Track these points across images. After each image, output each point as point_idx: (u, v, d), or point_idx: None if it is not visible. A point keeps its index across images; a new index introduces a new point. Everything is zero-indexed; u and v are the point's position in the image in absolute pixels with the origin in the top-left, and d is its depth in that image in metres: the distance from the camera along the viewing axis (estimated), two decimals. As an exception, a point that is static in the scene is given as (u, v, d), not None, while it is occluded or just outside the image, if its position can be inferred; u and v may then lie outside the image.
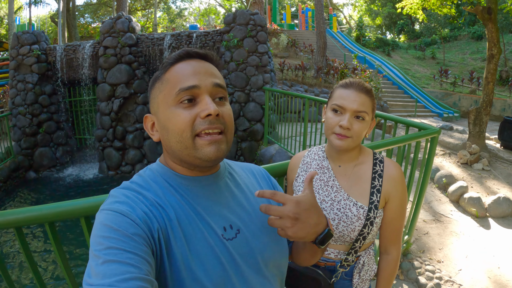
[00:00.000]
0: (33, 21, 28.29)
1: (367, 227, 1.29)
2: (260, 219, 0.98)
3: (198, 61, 0.88)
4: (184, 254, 0.79)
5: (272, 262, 0.96)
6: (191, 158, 0.85)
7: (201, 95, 0.84)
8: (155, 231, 0.77)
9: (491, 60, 6.34)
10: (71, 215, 1.40)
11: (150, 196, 0.83)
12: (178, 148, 0.84)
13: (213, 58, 0.92)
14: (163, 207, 0.82)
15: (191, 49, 0.89)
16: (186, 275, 0.78)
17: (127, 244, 0.70)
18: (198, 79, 0.84)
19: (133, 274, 0.65)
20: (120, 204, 0.78)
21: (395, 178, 1.33)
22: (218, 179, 0.95)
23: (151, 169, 0.92)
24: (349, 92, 1.29)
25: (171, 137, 0.84)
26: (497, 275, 3.23)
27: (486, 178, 5.47)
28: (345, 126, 1.25)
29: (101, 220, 0.75)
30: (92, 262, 0.68)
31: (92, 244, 0.71)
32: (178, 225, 0.81)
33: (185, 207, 0.85)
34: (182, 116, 0.82)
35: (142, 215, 0.77)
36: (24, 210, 1.37)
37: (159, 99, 0.87)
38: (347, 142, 1.28)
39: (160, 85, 0.87)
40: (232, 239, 0.88)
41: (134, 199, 0.80)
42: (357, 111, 1.26)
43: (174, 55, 0.88)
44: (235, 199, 0.96)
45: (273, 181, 1.14)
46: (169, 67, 0.87)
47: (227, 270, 0.84)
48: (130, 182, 0.87)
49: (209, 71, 0.88)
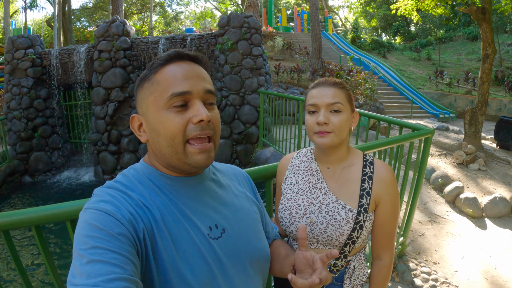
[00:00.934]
0: (29, 25, 28.23)
1: (356, 231, 1.25)
2: (244, 218, 1.00)
3: (188, 64, 0.88)
4: (170, 254, 0.79)
5: (255, 261, 0.97)
6: (181, 163, 0.85)
7: (193, 100, 0.84)
8: (140, 231, 0.77)
9: (486, 60, 6.35)
10: (57, 218, 1.38)
11: (135, 196, 0.82)
12: (169, 152, 0.84)
13: (203, 61, 0.92)
14: (148, 207, 0.82)
15: (182, 51, 0.88)
16: (173, 275, 0.78)
17: (112, 244, 0.69)
18: (190, 84, 0.84)
19: (118, 274, 0.65)
20: (105, 203, 0.77)
21: (386, 180, 1.30)
22: (203, 180, 0.95)
23: (135, 168, 0.92)
24: (319, 89, 1.29)
25: (162, 141, 0.84)
26: (494, 275, 3.21)
27: (482, 178, 5.47)
28: (322, 121, 1.23)
29: (85, 219, 0.74)
30: (76, 262, 0.67)
31: (76, 243, 0.71)
32: (164, 225, 0.81)
33: (170, 207, 0.84)
34: (174, 121, 0.82)
35: (127, 215, 0.76)
36: (10, 213, 1.35)
37: (149, 100, 0.86)
38: (329, 138, 1.25)
39: (150, 86, 0.86)
40: (217, 238, 0.89)
41: (119, 199, 0.80)
42: (330, 104, 1.25)
43: (164, 56, 0.87)
44: (219, 199, 0.96)
45: (253, 186, 1.18)
46: (159, 68, 0.86)
47: (212, 269, 0.84)
48: (114, 182, 0.87)
49: (200, 75, 0.87)
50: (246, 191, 1.10)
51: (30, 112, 8.89)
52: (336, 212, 1.27)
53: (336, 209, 1.27)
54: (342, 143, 1.31)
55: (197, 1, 42.10)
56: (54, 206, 1.40)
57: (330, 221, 1.27)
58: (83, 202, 1.39)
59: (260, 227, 1.06)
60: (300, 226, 0.90)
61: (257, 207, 1.10)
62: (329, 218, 1.27)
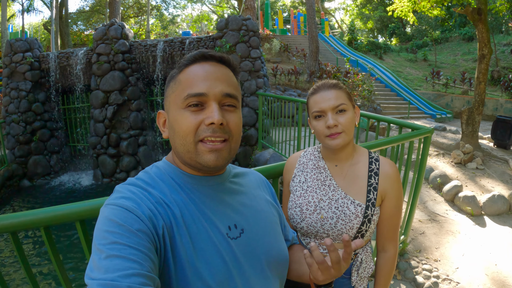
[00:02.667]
0: (26, 28, 28.21)
1: (365, 224, 1.31)
2: (264, 220, 1.00)
3: (212, 65, 0.88)
4: (189, 252, 0.79)
5: (274, 263, 0.97)
6: (193, 161, 0.86)
7: (209, 101, 0.84)
8: (159, 228, 0.77)
9: (482, 60, 6.40)
10: (66, 219, 1.39)
11: (156, 194, 0.83)
12: (181, 150, 0.86)
13: (230, 62, 0.92)
14: (169, 204, 0.82)
15: (206, 51, 0.89)
16: (190, 273, 0.78)
17: (131, 239, 0.70)
18: (207, 86, 0.84)
19: (136, 270, 0.65)
20: (125, 199, 0.78)
21: (391, 176, 1.35)
22: (223, 180, 0.96)
23: (157, 166, 0.93)
24: (320, 94, 1.33)
25: (176, 139, 0.86)
26: (494, 272, 3.24)
27: (480, 176, 5.51)
28: (332, 124, 1.28)
29: (106, 215, 0.75)
30: (95, 256, 0.68)
31: (96, 237, 0.71)
32: (183, 223, 0.82)
33: (190, 205, 0.85)
34: (188, 120, 0.83)
35: (147, 211, 0.77)
36: (19, 214, 1.36)
37: (171, 98, 0.88)
38: (341, 138, 1.30)
39: (173, 85, 0.88)
40: (236, 238, 0.89)
41: (140, 196, 0.80)
42: (335, 106, 1.29)
43: (190, 56, 0.89)
44: (239, 200, 0.97)
45: (272, 190, 1.18)
46: (183, 68, 0.88)
47: (230, 269, 0.84)
48: (135, 179, 0.87)
49: (221, 77, 0.87)
50: (266, 194, 1.11)
51: (29, 115, 8.87)
52: (345, 207, 1.32)
53: (346, 204, 1.32)
54: (349, 141, 1.36)
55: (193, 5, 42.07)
56: (63, 206, 1.40)
57: (340, 216, 1.32)
58: (92, 203, 1.40)
59: (279, 230, 1.06)
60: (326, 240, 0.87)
61: (276, 211, 1.11)
62: (339, 213, 1.32)
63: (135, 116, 8.61)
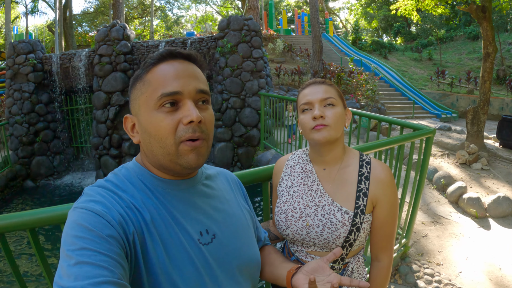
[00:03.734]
0: (31, 30, 28.41)
1: (353, 233, 1.22)
2: (235, 224, 0.98)
3: (181, 62, 0.85)
4: (161, 258, 0.77)
5: (245, 268, 0.96)
6: (173, 164, 0.83)
7: (184, 100, 0.82)
8: (130, 234, 0.75)
9: (487, 58, 6.32)
10: (51, 221, 1.37)
11: (126, 198, 0.80)
12: (160, 153, 0.82)
13: (197, 59, 0.89)
14: (139, 209, 0.80)
15: (174, 49, 0.86)
16: (163, 279, 0.77)
17: (101, 245, 0.67)
18: (181, 84, 0.81)
19: (106, 277, 0.63)
20: (95, 203, 0.75)
21: (383, 181, 1.26)
22: (195, 183, 0.94)
23: (127, 168, 0.89)
24: (310, 88, 1.28)
25: (153, 142, 0.82)
26: (498, 276, 3.17)
27: (485, 177, 5.42)
28: (318, 115, 1.21)
29: (74, 219, 0.71)
30: (63, 263, 0.65)
31: (65, 243, 0.68)
32: (154, 229, 0.79)
33: (161, 210, 0.83)
34: (164, 122, 0.80)
35: (118, 216, 0.74)
36: (5, 216, 1.34)
37: (140, 100, 0.84)
38: (327, 131, 1.21)
39: (142, 86, 0.84)
40: (208, 244, 0.87)
41: (110, 199, 0.77)
42: (323, 99, 1.23)
43: (156, 55, 0.85)
44: (211, 204, 0.95)
45: (244, 191, 1.17)
46: (151, 67, 0.84)
47: (202, 275, 0.83)
48: (105, 181, 0.84)
49: (192, 74, 0.85)
50: (238, 196, 1.09)
51: (32, 117, 8.92)
52: (332, 214, 1.24)
53: (332, 212, 1.24)
54: (337, 141, 1.28)
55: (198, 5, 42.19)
56: (48, 209, 1.38)
57: (326, 224, 1.24)
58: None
59: (251, 233, 1.04)
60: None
61: (248, 213, 1.09)
62: (325, 221, 1.24)
63: (137, 117, 8.60)
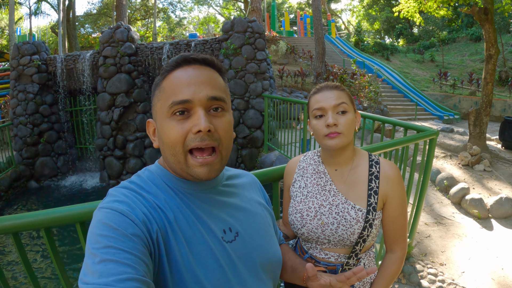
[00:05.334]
0: (34, 31, 28.48)
1: (366, 229, 1.28)
2: (257, 223, 1.00)
3: (195, 68, 0.85)
4: (185, 256, 0.79)
5: (268, 265, 0.98)
6: (184, 173, 0.85)
7: (194, 108, 0.82)
8: (153, 232, 0.77)
9: (489, 60, 6.34)
10: (66, 220, 1.39)
11: (150, 198, 0.82)
12: (172, 160, 0.84)
13: (214, 63, 0.89)
14: (162, 209, 0.82)
15: (189, 55, 0.86)
16: (187, 277, 0.78)
17: (125, 244, 0.69)
18: (192, 91, 0.81)
19: (130, 274, 0.65)
20: (119, 203, 0.77)
21: (391, 178, 1.32)
22: (217, 184, 0.95)
23: (150, 170, 0.91)
24: (322, 94, 1.32)
25: (166, 149, 0.84)
26: (501, 276, 3.20)
27: (487, 179, 5.44)
28: (332, 123, 1.25)
29: (99, 218, 0.74)
30: (88, 260, 0.68)
31: (90, 241, 0.71)
32: (178, 228, 0.81)
33: (185, 209, 0.85)
34: (174, 130, 0.81)
35: (142, 216, 0.76)
36: (20, 216, 1.37)
37: (157, 107, 0.86)
38: (340, 139, 1.27)
39: (158, 93, 0.86)
40: (231, 242, 0.89)
41: (134, 199, 0.80)
42: (336, 106, 1.28)
43: (172, 61, 0.86)
44: (233, 202, 0.97)
45: (264, 191, 1.18)
46: (166, 74, 0.86)
47: (226, 272, 0.84)
48: (129, 182, 0.86)
49: (206, 80, 0.84)
50: (258, 196, 1.11)
51: (36, 117, 8.95)
52: (346, 212, 1.30)
53: (346, 210, 1.30)
54: (349, 144, 1.33)
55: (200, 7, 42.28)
56: (64, 208, 1.41)
57: (340, 221, 1.29)
58: (92, 205, 1.41)
59: (272, 232, 1.07)
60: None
61: (269, 212, 1.11)
62: (340, 219, 1.30)
63: (142, 118, 8.64)
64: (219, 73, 0.90)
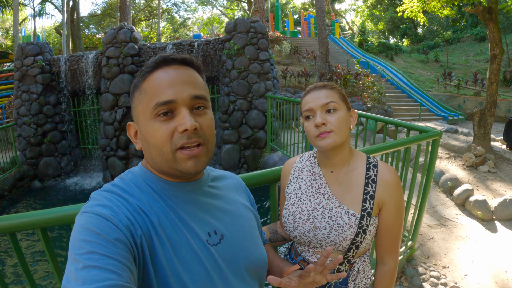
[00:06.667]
0: (38, 32, 28.67)
1: (359, 235, 1.24)
2: (242, 225, 0.99)
3: (176, 68, 0.85)
4: (170, 260, 0.78)
5: (254, 268, 0.97)
6: (172, 170, 0.84)
7: (178, 108, 0.82)
8: (137, 237, 0.76)
9: (493, 60, 6.29)
10: (62, 221, 1.40)
11: (133, 201, 0.81)
12: (159, 160, 0.84)
13: (193, 62, 0.89)
14: (146, 212, 0.81)
15: (168, 55, 0.86)
16: (173, 281, 0.77)
17: (109, 249, 0.68)
18: (175, 91, 0.81)
19: (114, 281, 0.63)
20: (102, 207, 0.76)
21: (389, 183, 1.27)
22: (201, 185, 0.95)
23: (133, 172, 0.90)
24: (311, 94, 1.29)
25: (152, 150, 0.84)
26: (504, 279, 3.16)
27: (492, 180, 5.40)
28: (320, 122, 1.22)
29: (82, 223, 0.72)
30: (71, 266, 0.66)
31: (72, 247, 0.69)
32: (162, 231, 0.80)
33: (168, 213, 0.83)
34: (160, 131, 0.81)
35: (125, 220, 0.75)
36: (17, 216, 1.38)
37: (139, 109, 0.85)
38: (330, 137, 1.23)
39: (139, 95, 0.85)
40: (216, 245, 0.88)
41: (117, 203, 0.78)
42: (324, 105, 1.24)
43: (151, 62, 0.85)
44: (218, 205, 0.96)
45: (249, 193, 1.17)
46: (146, 75, 0.85)
47: (211, 275, 0.83)
48: (112, 185, 0.85)
49: (187, 80, 0.84)
50: (243, 198, 1.10)
51: (40, 118, 9.01)
52: (339, 217, 1.26)
53: (339, 214, 1.26)
54: (344, 144, 1.29)
55: (204, 7, 42.40)
56: (59, 209, 1.41)
57: (333, 226, 1.26)
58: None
59: (257, 234, 1.06)
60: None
61: (253, 215, 1.10)
62: (332, 223, 1.26)
63: (144, 118, 8.65)
64: (198, 72, 0.90)
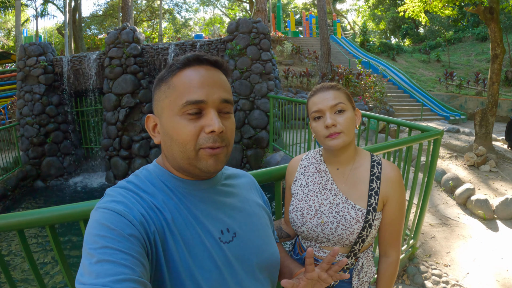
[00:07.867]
0: (40, 33, 28.74)
1: (365, 229, 1.29)
2: (255, 223, 0.99)
3: (207, 69, 0.85)
4: (182, 257, 0.79)
5: (265, 266, 0.97)
6: (192, 167, 0.85)
7: (207, 108, 0.83)
8: (151, 233, 0.77)
9: (495, 60, 6.30)
10: (70, 218, 1.41)
11: (147, 198, 0.82)
12: (180, 157, 0.84)
13: (223, 66, 0.90)
14: (160, 209, 0.81)
15: (202, 55, 0.86)
16: (185, 277, 0.78)
17: (123, 244, 0.69)
18: (206, 93, 0.82)
19: (127, 275, 0.65)
20: (117, 203, 0.77)
21: (393, 180, 1.33)
22: (215, 184, 0.95)
23: (147, 169, 0.91)
24: (319, 95, 1.32)
25: (174, 146, 0.84)
26: (506, 278, 3.18)
27: (493, 179, 5.41)
28: (330, 124, 1.26)
29: (97, 218, 0.74)
30: (85, 261, 0.68)
31: (87, 242, 0.71)
32: (176, 228, 0.81)
33: (182, 210, 0.84)
34: (187, 129, 0.81)
35: (139, 216, 0.76)
36: (25, 213, 1.39)
37: (164, 103, 0.85)
38: (341, 138, 1.28)
39: (167, 89, 0.85)
40: (229, 242, 0.89)
41: (131, 200, 0.79)
42: (333, 106, 1.28)
43: (183, 59, 0.85)
44: (231, 203, 0.96)
45: (261, 192, 1.18)
46: (176, 71, 0.85)
47: (223, 273, 0.84)
48: (126, 182, 0.86)
49: (217, 82, 0.85)
50: (256, 197, 1.11)
51: (42, 118, 9.04)
52: (346, 212, 1.30)
53: (346, 209, 1.31)
54: (350, 143, 1.34)
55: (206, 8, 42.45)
56: (68, 206, 1.42)
57: (340, 220, 1.30)
58: (96, 203, 1.42)
59: (270, 232, 1.06)
60: (308, 250, 0.94)
61: (266, 213, 1.11)
62: (340, 218, 1.30)
63: (147, 118, 8.68)
64: (226, 76, 0.91)
